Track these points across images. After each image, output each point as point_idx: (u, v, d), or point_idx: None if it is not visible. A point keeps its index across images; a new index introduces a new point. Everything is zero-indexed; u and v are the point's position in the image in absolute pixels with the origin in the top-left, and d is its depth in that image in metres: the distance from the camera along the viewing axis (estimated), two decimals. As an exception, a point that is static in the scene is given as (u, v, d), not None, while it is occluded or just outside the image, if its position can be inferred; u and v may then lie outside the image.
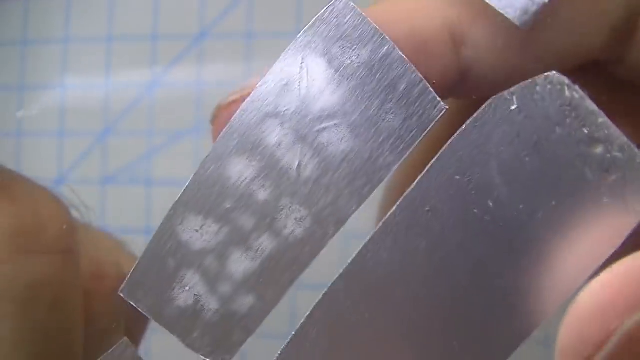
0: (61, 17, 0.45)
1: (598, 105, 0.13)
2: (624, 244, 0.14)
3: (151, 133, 0.43)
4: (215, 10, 0.43)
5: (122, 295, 0.15)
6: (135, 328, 0.21)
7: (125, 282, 0.15)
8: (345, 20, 0.14)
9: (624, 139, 0.13)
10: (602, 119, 0.13)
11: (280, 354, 0.15)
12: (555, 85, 0.13)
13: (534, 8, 0.13)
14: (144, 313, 0.15)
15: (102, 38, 0.44)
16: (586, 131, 0.13)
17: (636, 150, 0.13)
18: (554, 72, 0.13)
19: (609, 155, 0.13)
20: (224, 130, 0.14)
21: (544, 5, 0.13)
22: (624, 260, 0.12)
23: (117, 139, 0.44)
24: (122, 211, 0.42)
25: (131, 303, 0.15)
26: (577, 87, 0.13)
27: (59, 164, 0.42)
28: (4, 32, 0.45)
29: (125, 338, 0.15)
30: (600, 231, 0.14)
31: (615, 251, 0.14)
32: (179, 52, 0.43)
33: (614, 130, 0.13)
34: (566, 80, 0.13)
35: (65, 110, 0.44)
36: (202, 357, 0.15)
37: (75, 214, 0.22)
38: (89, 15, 0.45)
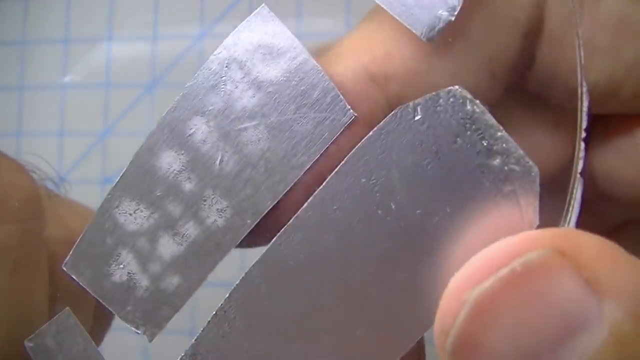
0: (61, 17, 0.46)
1: (498, 121, 0.15)
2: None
3: None
4: (215, 10, 0.44)
5: (64, 268, 0.17)
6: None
7: (68, 256, 0.17)
8: (267, 29, 0.15)
9: (521, 152, 0.15)
10: (501, 132, 0.15)
11: (201, 332, 0.16)
12: (457, 98, 0.15)
13: (440, 25, 0.14)
14: (84, 286, 0.17)
15: (102, 38, 0.45)
16: (485, 143, 0.15)
17: (531, 163, 0.15)
18: (456, 87, 0.15)
19: (506, 167, 0.15)
20: (157, 123, 0.16)
21: (449, 22, 0.14)
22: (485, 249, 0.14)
23: (117, 139, 0.44)
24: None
25: (72, 276, 0.17)
26: (477, 102, 0.14)
27: (59, 164, 0.43)
28: (4, 32, 0.46)
29: (68, 308, 0.17)
30: (495, 237, 0.15)
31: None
32: (178, 53, 0.44)
33: (511, 144, 0.15)
34: (468, 95, 0.15)
35: (65, 110, 0.45)
36: (133, 329, 0.17)
37: (50, 184, 0.24)
38: (88, 15, 0.46)
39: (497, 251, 0.13)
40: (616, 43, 0.16)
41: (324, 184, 0.15)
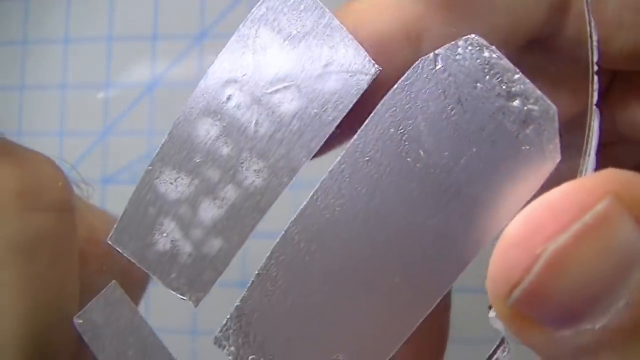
0: (61, 17, 0.47)
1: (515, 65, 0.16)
2: (543, 186, 0.16)
3: (151, 133, 0.45)
4: (215, 10, 0.45)
5: (109, 242, 0.18)
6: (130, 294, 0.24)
7: (112, 230, 0.18)
8: None
9: (538, 92, 0.16)
10: (518, 75, 0.16)
11: (245, 293, 0.18)
12: (474, 46, 0.16)
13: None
14: (129, 257, 0.18)
15: (102, 38, 0.46)
16: (504, 86, 0.16)
17: (549, 102, 0.16)
18: (473, 35, 0.16)
19: (525, 108, 0.16)
20: (192, 94, 0.17)
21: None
22: (544, 196, 0.15)
23: (117, 139, 0.45)
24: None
25: (117, 249, 0.18)
26: (493, 48, 0.16)
27: (59, 164, 0.45)
28: (4, 32, 0.47)
29: (114, 281, 0.19)
30: (520, 176, 0.16)
31: (536, 193, 0.16)
32: (179, 52, 0.45)
33: (529, 85, 0.16)
34: (484, 42, 0.16)
35: (65, 110, 0.46)
36: (179, 296, 0.18)
37: (75, 189, 0.25)
38: (89, 15, 0.47)
39: (562, 203, 0.14)
40: (637, 18, 0.18)
41: (354, 136, 0.17)
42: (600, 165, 0.16)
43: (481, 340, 0.19)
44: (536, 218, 0.14)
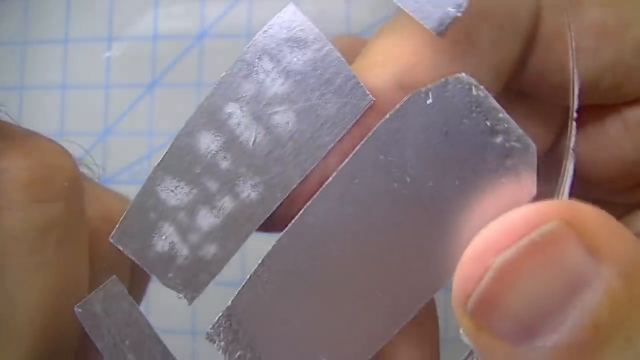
0: (61, 17, 0.48)
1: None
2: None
3: (151, 133, 0.47)
4: (215, 10, 0.46)
5: (111, 240, 0.20)
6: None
7: (114, 230, 0.20)
8: (294, 25, 0.18)
9: (520, 131, 0.18)
10: (503, 114, 0.18)
11: (237, 295, 0.19)
12: (464, 84, 0.18)
13: (448, 20, 0.17)
14: (130, 256, 0.20)
15: (101, 38, 0.47)
16: (489, 124, 0.18)
17: (530, 141, 0.18)
18: (463, 74, 0.18)
19: (507, 145, 0.18)
20: (195, 109, 0.19)
21: (457, 18, 0.17)
22: (503, 216, 0.16)
23: (117, 139, 0.46)
24: (122, 211, 0.46)
25: (119, 248, 0.20)
26: (482, 87, 0.17)
27: (67, 146, 0.46)
28: (4, 32, 0.48)
29: (114, 276, 0.20)
30: (498, 206, 0.18)
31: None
32: (179, 52, 0.46)
33: (512, 124, 0.18)
34: (473, 81, 0.18)
35: (65, 110, 0.47)
36: (175, 293, 0.20)
37: (85, 170, 0.27)
38: (88, 16, 0.48)
39: (514, 222, 0.16)
40: (597, 45, 0.20)
41: (346, 160, 0.18)
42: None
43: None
44: (490, 235, 0.16)
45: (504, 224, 0.16)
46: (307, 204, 0.19)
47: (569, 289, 0.15)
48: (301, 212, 0.19)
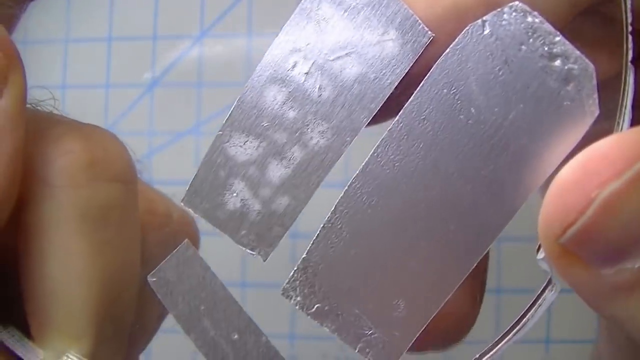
0: (61, 17, 0.49)
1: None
2: (583, 138, 0.19)
3: (151, 133, 0.48)
4: (215, 10, 0.47)
5: (182, 204, 0.21)
6: None
7: (185, 193, 0.21)
8: None
9: (577, 52, 0.19)
10: (559, 37, 0.19)
11: (311, 245, 0.20)
12: (519, 12, 0.19)
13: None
14: (201, 217, 0.21)
15: (102, 38, 0.48)
16: (546, 48, 0.19)
17: (588, 61, 0.19)
18: (517, 2, 0.19)
19: (566, 67, 0.19)
20: (259, 64, 0.20)
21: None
22: (595, 145, 0.17)
23: None
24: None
25: (190, 210, 0.21)
26: (536, 13, 0.19)
27: None
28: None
29: (187, 240, 0.21)
30: (562, 129, 0.19)
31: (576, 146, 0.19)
32: (179, 53, 0.47)
33: (569, 47, 0.19)
34: (527, 8, 0.19)
35: (65, 110, 0.49)
36: (248, 251, 0.21)
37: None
38: (89, 15, 0.49)
39: (613, 153, 0.17)
40: None
41: (411, 98, 0.19)
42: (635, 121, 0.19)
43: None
44: (590, 164, 0.17)
45: (603, 155, 0.17)
46: (376, 144, 0.20)
47: None
48: (371, 153, 0.20)
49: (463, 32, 0.19)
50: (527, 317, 0.20)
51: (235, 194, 0.21)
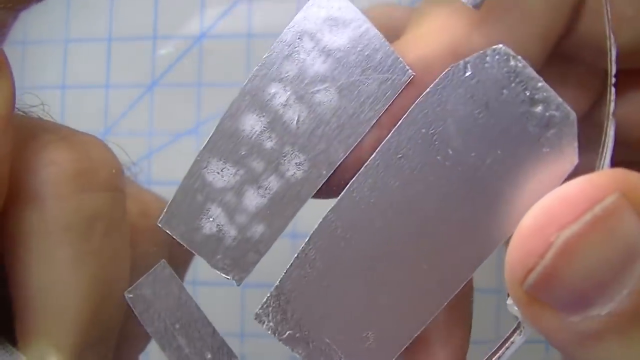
0: (61, 17, 0.49)
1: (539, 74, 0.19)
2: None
3: (151, 133, 0.48)
4: (215, 10, 0.47)
5: (159, 225, 0.21)
6: (177, 265, 0.27)
7: (162, 214, 0.21)
8: (332, 4, 0.19)
9: (559, 99, 0.19)
10: (541, 83, 0.19)
11: (284, 274, 0.21)
12: (502, 55, 0.19)
13: (483, -5, 0.19)
14: (178, 239, 0.21)
15: (102, 38, 0.48)
16: (528, 93, 0.19)
17: (569, 109, 0.19)
18: (500, 45, 0.19)
19: (547, 114, 0.19)
20: (238, 92, 0.20)
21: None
22: (557, 189, 0.17)
23: (117, 138, 0.49)
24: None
25: (167, 231, 0.21)
26: (519, 57, 0.19)
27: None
28: None
29: (163, 260, 0.22)
30: (541, 175, 0.19)
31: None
32: (178, 53, 0.47)
33: (551, 93, 0.19)
34: (511, 52, 0.19)
35: (65, 110, 0.48)
36: (223, 275, 0.21)
37: (124, 170, 0.28)
38: (89, 15, 0.49)
39: (574, 196, 0.17)
40: (638, 13, 0.21)
41: (389, 135, 0.19)
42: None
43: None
44: (551, 209, 0.17)
45: (564, 198, 0.17)
46: (352, 179, 0.20)
47: (625, 259, 0.17)
48: (347, 187, 0.20)
49: (444, 73, 0.19)
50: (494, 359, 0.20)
51: (211, 219, 0.21)
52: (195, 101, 0.47)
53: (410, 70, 0.19)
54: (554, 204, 0.17)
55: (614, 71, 0.19)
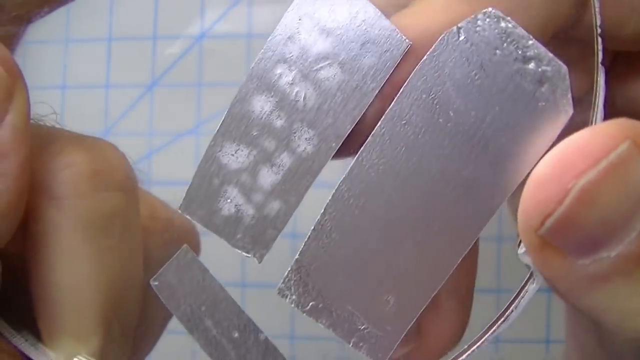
0: (61, 17, 0.50)
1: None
2: (559, 136, 0.20)
3: (151, 133, 0.49)
4: (215, 10, 0.48)
5: (179, 210, 0.22)
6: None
7: (182, 201, 0.22)
8: None
9: (550, 55, 0.20)
10: (532, 41, 0.20)
11: (302, 248, 0.22)
12: (492, 18, 0.20)
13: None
14: (198, 223, 0.22)
15: (102, 38, 0.49)
16: (520, 52, 0.20)
17: (560, 63, 0.20)
18: (490, 8, 0.20)
19: (539, 69, 0.20)
20: (245, 77, 0.21)
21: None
22: (569, 139, 0.18)
23: (117, 138, 0.49)
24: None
25: (187, 217, 0.22)
26: (509, 18, 0.20)
27: None
28: None
29: (186, 245, 0.23)
30: (539, 128, 0.20)
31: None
32: (178, 53, 0.49)
33: (542, 50, 0.20)
34: (500, 14, 0.20)
35: (65, 110, 0.48)
36: (244, 254, 0.22)
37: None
38: (89, 15, 0.50)
39: (590, 145, 0.18)
40: None
41: (392, 104, 0.21)
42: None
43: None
44: (567, 157, 0.18)
45: (579, 147, 0.18)
46: (360, 149, 0.21)
47: (635, 203, 0.18)
48: (355, 157, 0.21)
49: (439, 40, 0.20)
50: (510, 308, 0.21)
51: (229, 200, 0.22)
52: (195, 101, 0.48)
53: (407, 40, 0.21)
54: (569, 152, 0.18)
55: (599, 22, 0.20)
